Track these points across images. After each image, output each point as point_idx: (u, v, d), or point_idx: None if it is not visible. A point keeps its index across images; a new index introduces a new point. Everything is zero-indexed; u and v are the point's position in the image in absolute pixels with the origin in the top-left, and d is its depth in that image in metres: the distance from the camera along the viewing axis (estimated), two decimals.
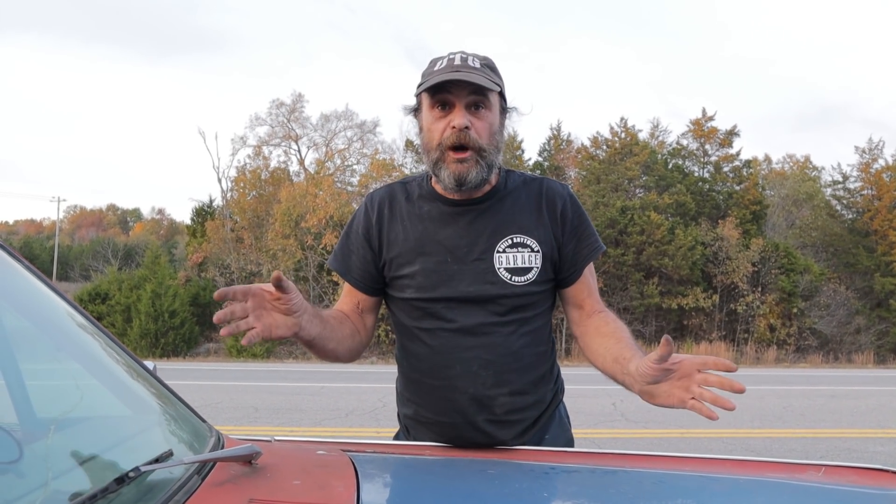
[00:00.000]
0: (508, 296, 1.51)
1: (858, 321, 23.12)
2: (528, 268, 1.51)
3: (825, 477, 1.30)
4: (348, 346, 1.56)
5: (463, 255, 1.52)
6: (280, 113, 24.97)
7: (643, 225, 21.71)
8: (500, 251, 1.52)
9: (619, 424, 7.32)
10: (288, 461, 1.25)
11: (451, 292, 1.51)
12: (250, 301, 1.28)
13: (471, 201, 1.55)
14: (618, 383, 1.46)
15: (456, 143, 1.45)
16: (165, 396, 1.39)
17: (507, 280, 1.51)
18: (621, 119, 25.42)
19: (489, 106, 1.48)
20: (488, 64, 1.52)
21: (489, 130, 1.48)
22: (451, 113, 1.47)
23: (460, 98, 1.45)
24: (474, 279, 1.51)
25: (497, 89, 1.49)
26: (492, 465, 1.34)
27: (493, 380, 1.52)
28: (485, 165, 1.48)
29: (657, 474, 1.33)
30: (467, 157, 1.46)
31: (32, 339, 1.37)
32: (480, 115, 1.47)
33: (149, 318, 18.74)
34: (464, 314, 1.51)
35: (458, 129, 1.45)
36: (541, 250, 1.53)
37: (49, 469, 0.95)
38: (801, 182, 29.13)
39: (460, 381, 1.52)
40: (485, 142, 1.47)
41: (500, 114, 1.53)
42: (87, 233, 65.15)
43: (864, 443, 6.64)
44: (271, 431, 6.55)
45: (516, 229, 1.53)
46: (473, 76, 1.43)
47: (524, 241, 1.52)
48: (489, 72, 1.49)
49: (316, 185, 22.20)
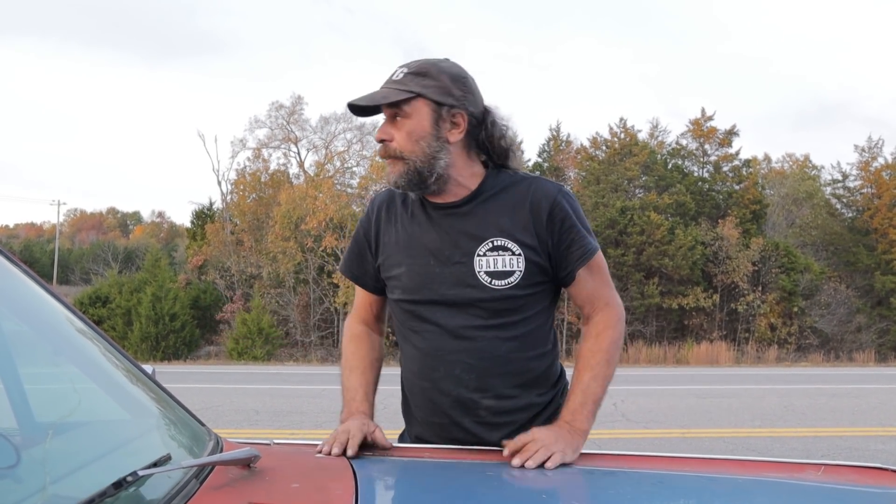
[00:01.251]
0: (488, 299, 1.51)
1: (859, 320, 23.13)
2: (509, 271, 1.51)
3: (825, 476, 1.29)
4: (380, 358, 1.73)
5: (445, 258, 1.54)
6: (279, 115, 24.97)
7: (643, 225, 21.72)
8: (480, 255, 1.52)
9: (620, 425, 7.32)
10: (287, 464, 1.25)
11: (433, 295, 1.54)
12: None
13: (453, 204, 1.57)
14: None
15: (381, 155, 1.57)
16: (164, 400, 1.39)
17: (487, 283, 1.51)
18: (620, 119, 25.49)
19: (407, 114, 1.51)
20: (418, 71, 1.52)
21: (409, 137, 1.51)
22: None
23: (385, 112, 1.54)
24: (455, 282, 1.53)
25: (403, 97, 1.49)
26: (491, 468, 1.34)
27: (475, 383, 1.53)
28: (412, 168, 1.51)
29: (657, 475, 1.33)
30: (390, 164, 1.55)
31: (31, 344, 1.37)
32: (398, 124, 1.52)
33: (149, 322, 18.75)
34: (446, 317, 1.54)
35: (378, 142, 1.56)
36: (523, 253, 1.52)
37: (47, 473, 0.95)
38: (801, 181, 29.16)
39: (444, 383, 1.55)
40: (406, 149, 1.51)
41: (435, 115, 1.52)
42: (88, 236, 65.16)
43: (865, 441, 6.63)
44: (272, 434, 6.55)
45: (497, 232, 1.53)
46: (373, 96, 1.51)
47: (505, 245, 1.52)
48: (412, 80, 1.51)
49: (315, 188, 22.20)
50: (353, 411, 1.55)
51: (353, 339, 1.71)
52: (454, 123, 1.53)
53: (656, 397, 9.84)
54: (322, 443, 1.40)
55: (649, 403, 9.04)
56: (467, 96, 1.54)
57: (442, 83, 1.52)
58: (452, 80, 1.53)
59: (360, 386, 1.61)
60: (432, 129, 1.52)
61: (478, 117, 1.56)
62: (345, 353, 1.70)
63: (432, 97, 1.50)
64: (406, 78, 1.52)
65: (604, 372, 1.52)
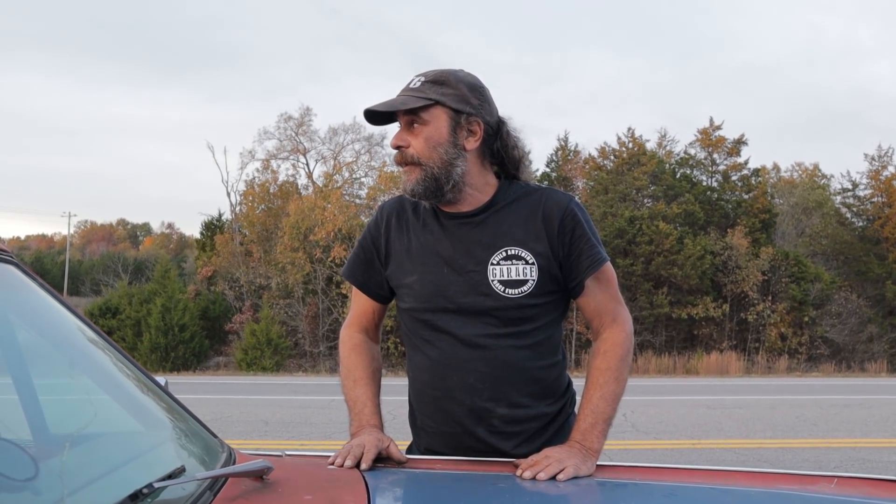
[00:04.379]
0: (502, 308, 1.52)
1: (871, 329, 22.93)
2: (522, 280, 1.52)
3: (838, 489, 1.29)
4: (380, 368, 1.73)
5: (459, 266, 1.55)
6: (288, 126, 25.06)
7: (652, 235, 21.66)
8: (493, 263, 1.53)
9: (630, 436, 7.28)
10: (299, 476, 1.26)
11: (447, 303, 1.55)
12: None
13: (467, 213, 1.58)
14: None
15: (397, 161, 1.57)
16: (177, 412, 1.40)
17: (501, 292, 1.52)
18: (628, 129, 25.41)
19: (425, 121, 1.52)
20: (435, 79, 1.54)
21: (426, 144, 1.52)
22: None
23: (401, 119, 1.55)
24: (469, 291, 1.53)
25: (421, 104, 1.51)
26: (502, 480, 1.34)
27: (489, 392, 1.53)
28: (429, 175, 1.52)
29: (668, 486, 1.32)
30: (407, 171, 1.55)
31: (46, 355, 1.38)
32: (415, 131, 1.53)
33: (159, 332, 18.81)
34: (460, 326, 1.54)
35: (394, 148, 1.56)
36: (536, 262, 1.53)
37: (64, 486, 0.96)
38: (811, 190, 28.99)
39: (458, 392, 1.54)
40: (423, 155, 1.52)
41: (452, 123, 1.53)
42: (98, 247, 65.48)
43: (878, 453, 6.57)
44: (281, 445, 6.54)
45: (511, 242, 1.54)
46: (391, 102, 1.52)
47: (519, 254, 1.53)
48: (430, 88, 1.52)
49: (324, 199, 22.27)
50: (363, 424, 1.54)
51: (354, 349, 1.69)
52: (471, 131, 1.55)
53: (666, 408, 9.78)
54: (334, 455, 1.41)
55: (659, 414, 8.99)
56: (483, 105, 1.57)
57: (460, 91, 1.54)
58: (470, 89, 1.55)
59: (367, 398, 1.61)
60: (450, 136, 1.53)
61: (493, 126, 1.58)
62: (346, 363, 1.68)
63: (450, 105, 1.52)
64: (424, 86, 1.53)
65: (613, 390, 1.52)
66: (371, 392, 1.63)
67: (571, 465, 1.36)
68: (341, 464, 1.36)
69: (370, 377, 1.66)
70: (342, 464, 1.36)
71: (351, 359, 1.68)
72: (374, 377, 1.67)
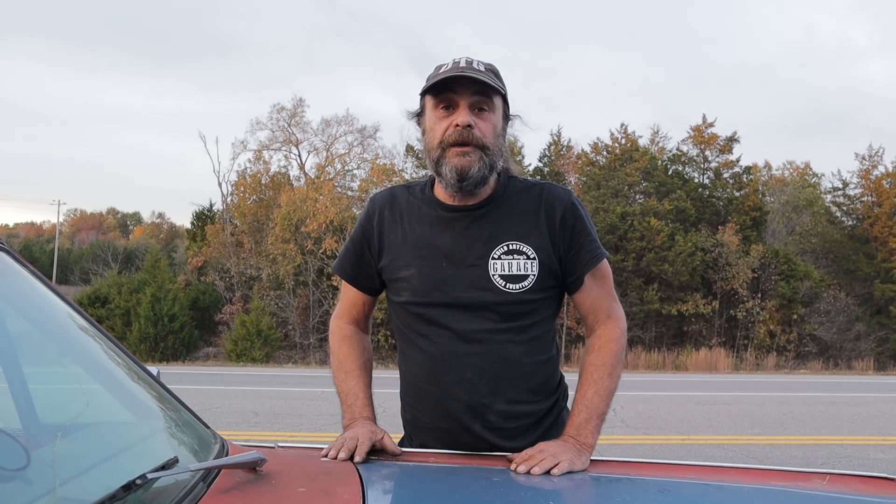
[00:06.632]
0: (503, 303, 1.51)
1: (858, 328, 23.11)
2: (523, 275, 1.51)
3: (830, 485, 1.29)
4: (371, 360, 1.71)
5: (458, 260, 1.52)
6: (281, 117, 24.96)
7: (643, 231, 21.72)
8: (494, 258, 1.51)
9: (620, 430, 7.31)
10: (292, 468, 1.25)
11: (446, 297, 1.52)
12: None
13: (469, 207, 1.56)
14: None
15: (458, 140, 1.48)
16: (170, 402, 1.39)
17: (502, 287, 1.50)
18: (621, 125, 25.47)
19: (492, 108, 1.50)
20: (492, 69, 1.54)
21: (493, 131, 1.51)
22: (455, 113, 1.49)
23: (464, 98, 1.48)
24: (469, 285, 1.51)
25: (501, 92, 1.51)
26: (496, 473, 1.34)
27: (487, 388, 1.52)
28: (487, 163, 1.50)
29: (662, 482, 1.32)
30: (469, 151, 1.47)
31: (37, 344, 1.37)
32: (484, 116, 1.50)
33: (148, 322, 18.74)
34: (459, 320, 1.52)
35: (462, 126, 1.47)
36: (537, 257, 1.52)
37: (56, 476, 0.95)
38: (801, 188, 29.12)
39: (455, 388, 1.52)
40: (490, 141, 1.49)
41: (503, 119, 1.55)
42: (87, 236, 65.09)
43: (864, 450, 6.62)
44: (271, 436, 6.53)
45: (512, 236, 1.53)
46: (478, 75, 1.46)
47: (520, 248, 1.52)
48: (493, 76, 1.51)
49: (316, 190, 22.20)
50: (356, 416, 1.53)
51: (345, 341, 1.67)
52: (505, 129, 1.57)
53: (655, 403, 9.82)
54: (328, 447, 1.40)
55: (648, 409, 9.03)
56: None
57: (505, 86, 1.55)
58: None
59: (359, 390, 1.59)
60: (503, 128, 1.55)
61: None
62: (337, 355, 1.66)
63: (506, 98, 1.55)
64: (487, 72, 1.50)
65: (607, 386, 1.52)
66: (363, 383, 1.61)
67: (566, 459, 1.35)
68: (335, 456, 1.36)
69: (361, 368, 1.64)
70: (336, 456, 1.35)
71: (342, 350, 1.66)
72: (366, 368, 1.65)
